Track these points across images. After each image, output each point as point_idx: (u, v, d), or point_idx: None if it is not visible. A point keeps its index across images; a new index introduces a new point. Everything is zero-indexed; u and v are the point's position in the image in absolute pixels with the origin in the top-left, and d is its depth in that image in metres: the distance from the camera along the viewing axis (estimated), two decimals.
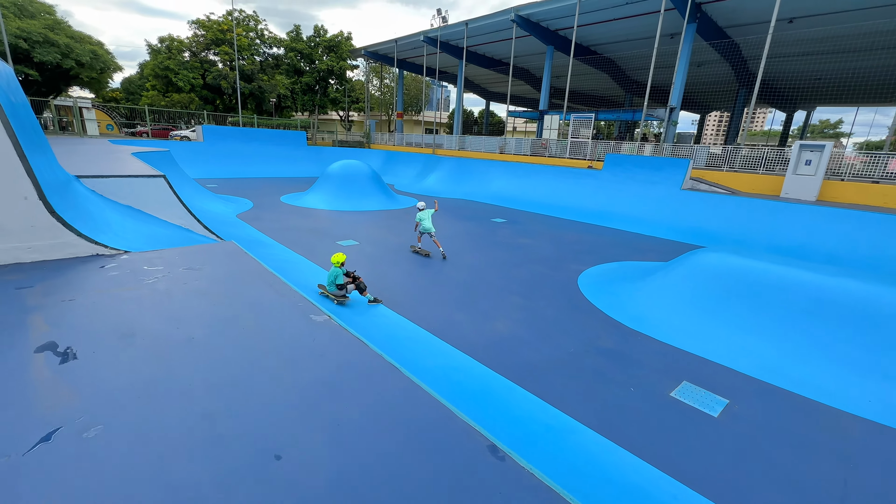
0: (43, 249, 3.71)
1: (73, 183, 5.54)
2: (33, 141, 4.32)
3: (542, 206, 18.00)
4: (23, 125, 4.00)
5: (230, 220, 11.94)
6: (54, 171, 4.97)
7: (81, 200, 4.80)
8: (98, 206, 5.21)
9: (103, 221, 4.77)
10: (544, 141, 22.48)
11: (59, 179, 4.93)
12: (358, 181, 17.31)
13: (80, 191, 5.33)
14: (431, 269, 8.92)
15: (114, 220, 5.11)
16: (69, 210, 4.14)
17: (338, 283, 6.38)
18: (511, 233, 13.00)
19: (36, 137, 4.65)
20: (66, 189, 4.81)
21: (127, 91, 51.19)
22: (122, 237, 4.68)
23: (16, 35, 28.73)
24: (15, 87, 4.83)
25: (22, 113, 4.45)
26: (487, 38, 27.25)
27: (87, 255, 4.04)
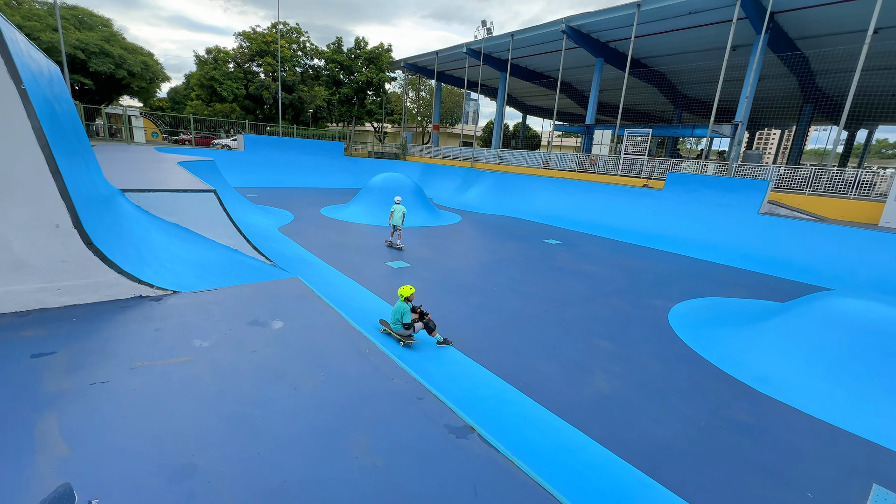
0: (74, 291, 2.94)
1: (116, 198, 4.85)
2: (74, 151, 3.60)
3: (595, 226, 16.75)
4: (64, 134, 3.27)
5: (272, 235, 11.32)
6: (96, 184, 4.27)
7: (124, 222, 4.07)
8: (142, 227, 4.48)
9: (148, 248, 4.01)
10: (594, 157, 21.27)
11: (101, 195, 4.23)
12: (400, 195, 16.55)
13: (123, 208, 4.61)
14: (496, 300, 7.89)
15: (160, 245, 4.35)
16: (109, 236, 3.37)
17: (405, 321, 5.45)
18: (570, 257, 11.85)
19: (79, 147, 3.95)
20: (107, 207, 4.08)
21: (172, 100, 53.10)
22: (170, 269, 3.89)
23: (74, 46, 29.94)
24: (60, 90, 4.18)
25: (65, 119, 3.76)
26: (532, 50, 26.43)
27: (129, 296, 3.25)
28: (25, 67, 2.89)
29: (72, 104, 4.60)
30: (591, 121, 24.87)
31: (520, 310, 7.48)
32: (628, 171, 20.45)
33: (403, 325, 5.46)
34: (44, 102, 3.14)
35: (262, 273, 5.33)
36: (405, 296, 5.53)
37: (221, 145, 30.16)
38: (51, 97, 3.53)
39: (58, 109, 3.64)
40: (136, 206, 5.44)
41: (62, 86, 4.41)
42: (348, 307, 5.94)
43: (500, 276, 9.49)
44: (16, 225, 2.70)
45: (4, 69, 2.50)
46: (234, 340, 3.02)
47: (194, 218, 6.06)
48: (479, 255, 11.39)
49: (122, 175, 7.41)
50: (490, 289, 8.50)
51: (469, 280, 9.00)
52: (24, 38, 3.30)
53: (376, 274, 8.92)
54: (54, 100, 3.64)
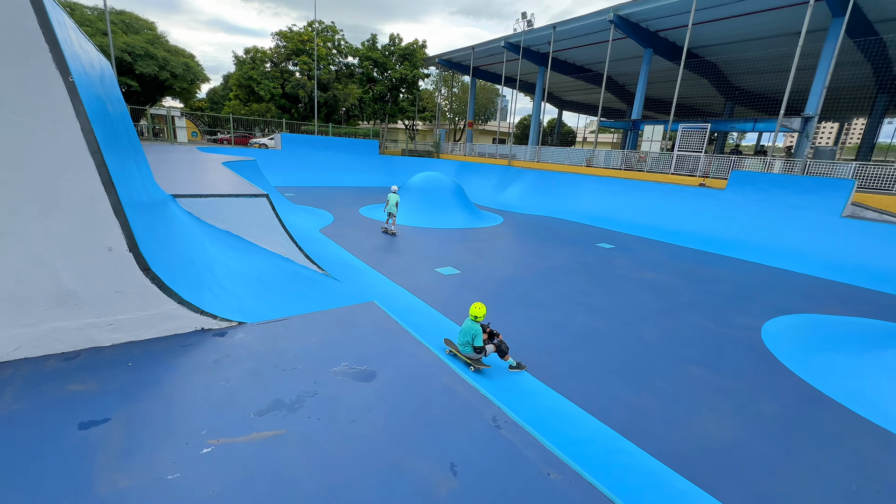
0: (129, 326, 2.47)
1: (169, 206, 4.44)
2: (126, 155, 3.15)
3: (648, 229, 15.64)
4: (116, 137, 2.81)
5: (315, 237, 10.96)
6: (149, 192, 3.85)
7: (179, 235, 3.60)
8: (197, 240, 4.03)
9: (205, 266, 3.55)
10: (643, 154, 20.02)
11: (155, 203, 3.80)
12: (440, 195, 16.01)
13: (177, 218, 4.18)
14: (562, 314, 7.16)
15: (216, 261, 3.88)
16: (165, 256, 2.90)
17: (476, 344, 4.83)
18: (629, 264, 10.93)
19: (132, 151, 3.52)
20: (161, 217, 3.64)
21: (211, 101, 54.57)
22: (230, 292, 3.41)
23: (121, 49, 30.93)
24: (112, 87, 3.76)
25: (117, 121, 3.31)
26: (574, 42, 25.25)
27: (190, 330, 2.75)
28: (75, 58, 2.43)
29: (123, 104, 4.19)
30: (637, 116, 23.52)
31: (591, 326, 6.72)
32: (680, 169, 19.11)
33: (474, 349, 4.84)
34: (95, 100, 2.68)
35: (323, 289, 4.82)
36: (477, 316, 4.90)
37: (259, 144, 30.48)
38: (103, 95, 3.09)
39: (110, 110, 3.20)
40: (188, 213, 5.04)
41: (114, 83, 3.99)
42: (413, 323, 5.38)
43: (559, 285, 8.74)
44: (62, 249, 2.24)
45: (49, 56, 2.04)
46: (324, 401, 2.46)
47: (246, 225, 5.64)
48: (532, 261, 10.65)
49: (171, 178, 7.12)
50: (553, 301, 7.77)
51: (527, 290, 8.29)
52: (74, 25, 2.87)
53: (427, 281, 8.35)
54: (107, 98, 3.20)
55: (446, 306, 7.01)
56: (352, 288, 6.33)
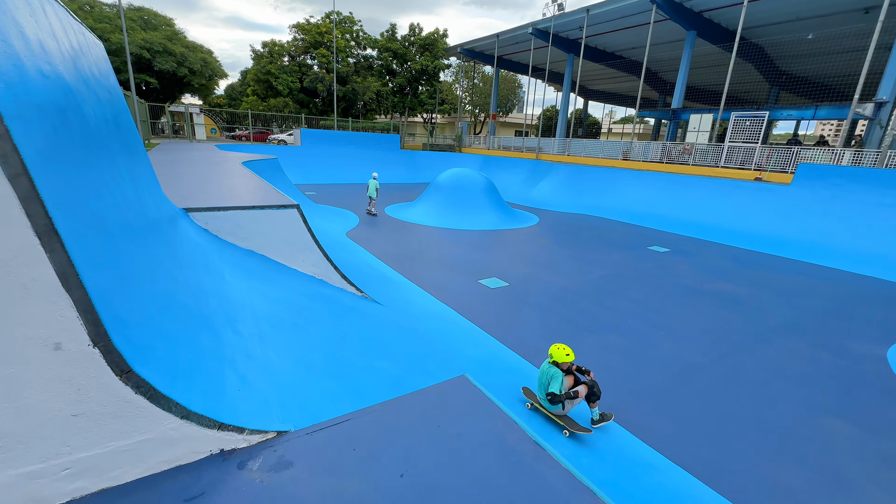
0: (100, 467, 1.51)
1: (178, 223, 3.49)
2: (112, 164, 2.18)
3: (700, 228, 14.26)
4: (91, 142, 1.83)
5: (343, 243, 10.03)
6: (149, 209, 2.89)
7: (188, 275, 2.63)
8: (214, 274, 3.05)
9: (224, 319, 2.56)
10: (688, 145, 18.48)
11: (154, 222, 2.84)
12: (472, 193, 14.91)
13: (185, 243, 3.22)
14: (637, 339, 6.04)
15: (238, 303, 2.90)
16: (163, 326, 1.92)
17: (551, 389, 3.76)
18: (693, 272, 9.68)
19: (122, 158, 2.55)
20: (162, 245, 2.67)
21: (229, 97, 54.35)
22: (261, 366, 2.42)
23: (140, 45, 30.58)
24: (98, 76, 2.79)
25: (100, 120, 2.34)
26: (609, 26, 23.63)
27: (202, 455, 1.78)
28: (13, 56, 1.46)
29: (118, 100, 3.20)
30: (678, 104, 21.88)
31: (679, 357, 5.59)
32: (728, 161, 17.53)
33: (548, 396, 3.77)
34: (52, 106, 1.70)
35: (370, 323, 3.82)
36: (555, 358, 3.84)
37: (277, 140, 29.84)
38: (77, 88, 2.12)
39: (90, 110, 2.22)
40: (203, 231, 4.09)
41: (104, 71, 3.01)
42: (492, 377, 4.35)
43: (622, 300, 7.60)
44: None
45: None
46: None
47: (273, 241, 4.68)
48: (583, 268, 9.51)
49: (185, 184, 6.24)
50: (621, 321, 6.65)
51: (588, 307, 7.18)
52: (55, 6, 1.92)
53: (474, 297, 7.31)
54: (85, 93, 2.24)
55: (506, 331, 5.96)
56: (397, 313, 5.34)
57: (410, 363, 3.75)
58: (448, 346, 5.05)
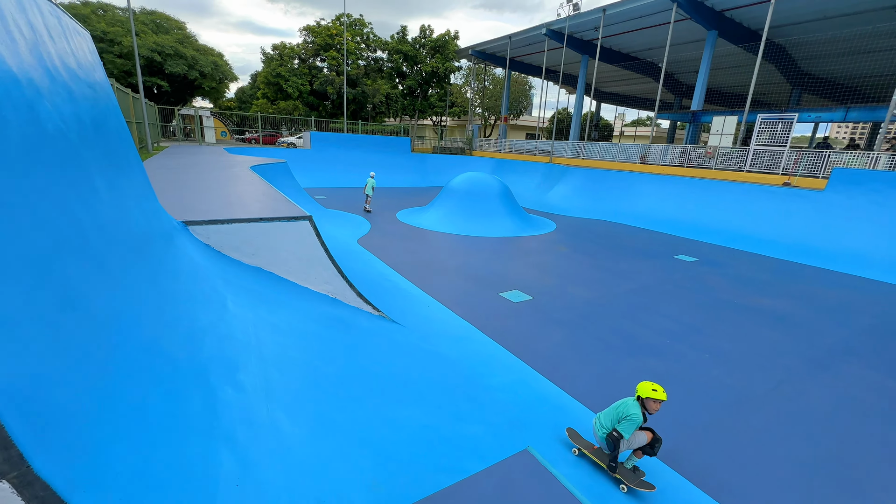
0: None
1: (175, 241, 3.03)
2: (78, 175, 1.70)
3: (726, 235, 13.59)
4: (42, 147, 1.34)
5: (355, 251, 9.58)
6: (132, 229, 2.42)
7: (179, 315, 2.14)
8: (212, 306, 2.58)
9: (223, 368, 2.07)
10: (711, 149, 17.80)
11: (146, 237, 2.38)
12: (486, 198, 14.40)
13: (182, 266, 2.75)
14: (680, 363, 5.47)
15: (244, 343, 2.42)
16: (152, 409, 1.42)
17: (620, 428, 3.22)
18: (727, 284, 9.06)
19: (99, 165, 2.08)
20: (149, 275, 2.20)
21: (240, 100, 54.53)
22: (260, 431, 1.92)
23: (151, 49, 30.60)
24: (89, 67, 2.35)
25: (60, 121, 1.87)
26: (625, 26, 23.03)
27: None
28: None
29: (104, 94, 2.74)
30: (697, 106, 21.21)
31: (729, 385, 5.01)
32: (754, 165, 16.82)
33: (611, 435, 3.21)
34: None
35: (395, 350, 3.33)
36: (644, 395, 3.24)
37: (287, 143, 29.62)
38: (26, 79, 1.66)
39: (50, 109, 1.74)
40: (204, 248, 3.63)
41: (87, 64, 2.55)
42: (510, 393, 3.84)
43: (656, 316, 7.02)
44: None
45: None
46: None
47: (282, 257, 4.21)
48: (609, 279, 8.94)
49: (189, 191, 5.81)
50: (658, 341, 6.08)
51: (620, 324, 6.62)
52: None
53: (495, 311, 6.79)
54: (46, 89, 1.78)
55: (535, 353, 5.43)
56: (418, 336, 4.84)
57: (443, 406, 3.24)
58: (476, 374, 4.54)
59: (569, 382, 4.81)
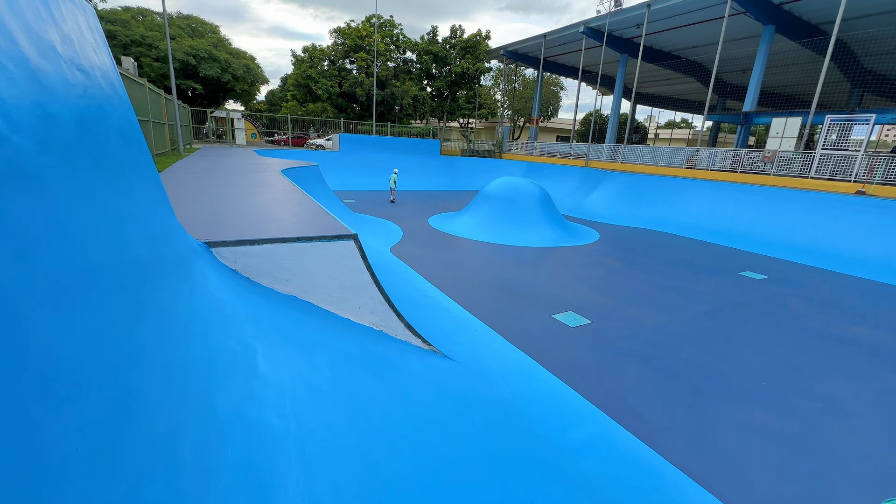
0: None
1: (194, 264, 2.35)
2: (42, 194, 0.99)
3: (795, 249, 12.27)
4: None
5: (389, 262, 8.89)
6: (138, 254, 1.73)
7: (195, 400, 1.43)
8: (239, 369, 1.86)
9: (252, 485, 1.33)
10: (769, 153, 16.36)
11: (154, 266, 1.69)
12: (524, 205, 13.52)
13: (199, 304, 2.05)
14: (799, 419, 4.49)
15: (275, 424, 1.69)
16: None
17: None
18: (811, 307, 7.92)
19: (104, 179, 1.37)
20: (152, 326, 1.49)
21: (270, 102, 55.35)
22: None
23: (186, 52, 31.07)
24: (85, 49, 1.66)
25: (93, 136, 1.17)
26: (670, 23, 21.70)
27: None
28: None
29: (106, 85, 2.06)
30: (751, 107, 19.69)
31: (867, 454, 4.01)
32: (818, 171, 15.29)
33: None
34: None
35: (461, 405, 2.56)
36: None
37: (315, 145, 29.48)
38: None
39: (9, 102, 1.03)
40: (230, 273, 2.95)
41: (81, 44, 1.87)
42: (597, 459, 3.01)
43: (742, 349, 6.02)
44: None
45: None
46: None
47: (321, 284, 3.51)
48: (673, 300, 7.94)
49: (215, 201, 5.22)
50: (755, 384, 5.10)
51: (701, 358, 5.65)
52: None
53: (552, 339, 5.94)
54: None
55: (610, 396, 4.56)
56: (476, 376, 4.06)
57: (517, 487, 2.44)
58: (547, 427, 3.73)
59: (660, 441, 3.93)
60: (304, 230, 3.65)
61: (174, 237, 2.49)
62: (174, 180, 7.29)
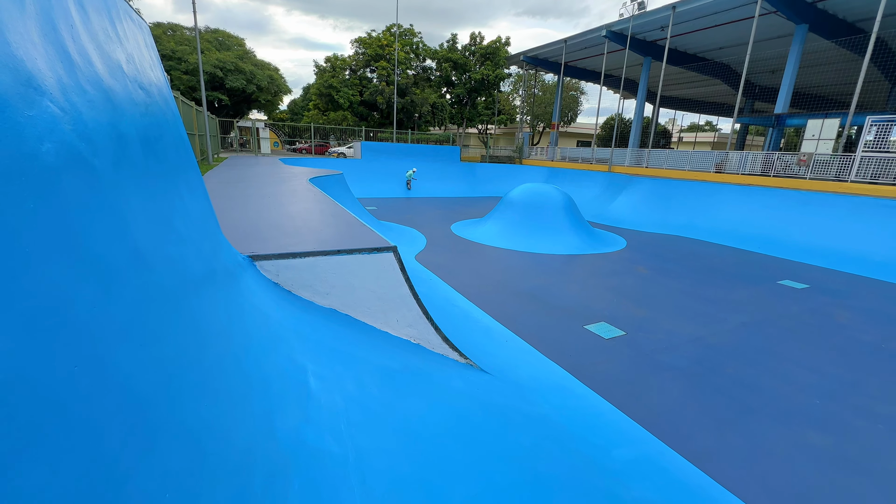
0: None
1: (239, 278, 2.33)
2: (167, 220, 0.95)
3: (836, 257, 11.71)
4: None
5: (415, 270, 8.81)
6: (191, 268, 1.71)
7: (259, 428, 1.36)
8: (293, 388, 1.80)
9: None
10: (804, 156, 15.75)
11: (208, 279, 1.65)
12: (549, 212, 13.33)
13: (251, 322, 2.01)
14: (857, 442, 4.20)
15: (334, 451, 1.61)
16: None
17: None
18: (861, 320, 7.50)
19: (164, 189, 1.35)
20: (215, 353, 1.45)
21: (292, 112, 56.59)
22: None
23: (214, 65, 32.06)
24: (142, 66, 1.65)
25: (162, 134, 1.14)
26: (696, 24, 21.26)
27: None
28: None
29: (161, 101, 2.06)
30: (783, 109, 19.05)
31: None
32: (861, 174, 14.61)
33: None
34: None
35: (501, 422, 2.46)
36: None
37: (337, 153, 29.91)
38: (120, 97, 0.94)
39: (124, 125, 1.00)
40: (273, 287, 2.93)
41: (142, 63, 1.87)
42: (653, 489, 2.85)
43: (790, 364, 5.71)
44: None
45: None
46: None
47: (360, 295, 3.47)
48: (710, 310, 7.64)
49: (253, 211, 5.28)
50: (807, 402, 4.81)
51: (747, 374, 5.38)
52: None
53: (586, 351, 5.77)
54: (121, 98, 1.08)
55: (653, 414, 4.37)
56: (513, 391, 3.95)
57: None
58: (591, 447, 3.58)
59: (711, 464, 3.72)
60: (343, 242, 3.62)
61: (222, 252, 2.48)
62: (209, 191, 7.44)
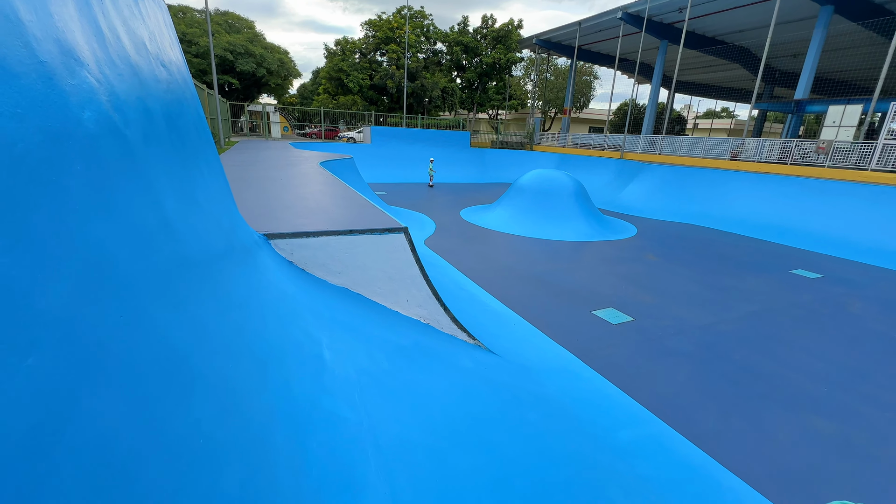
0: None
1: (258, 258, 2.40)
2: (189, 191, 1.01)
3: (853, 247, 11.52)
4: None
5: (423, 253, 8.89)
6: (212, 243, 1.78)
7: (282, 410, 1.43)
8: (310, 365, 1.88)
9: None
10: (824, 144, 15.35)
11: (233, 247, 1.72)
12: (559, 198, 13.25)
13: (267, 298, 2.09)
14: (867, 430, 4.22)
15: (350, 403, 1.69)
16: None
17: None
18: (874, 309, 7.42)
19: (185, 169, 1.40)
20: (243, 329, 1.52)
21: (301, 96, 56.37)
22: None
23: (224, 48, 31.96)
24: (164, 45, 1.70)
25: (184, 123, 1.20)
26: (716, 6, 20.59)
27: None
28: None
29: (183, 79, 2.11)
30: (804, 94, 18.50)
31: None
32: (885, 163, 14.22)
33: None
34: None
35: (509, 401, 2.53)
36: None
37: (347, 138, 29.84)
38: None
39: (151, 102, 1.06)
40: (287, 265, 3.01)
41: (163, 41, 1.92)
42: (651, 462, 2.92)
43: (798, 351, 5.70)
44: None
45: None
46: None
47: (372, 275, 3.54)
48: (719, 298, 7.61)
49: (267, 192, 5.35)
50: (814, 389, 4.82)
51: (755, 361, 5.39)
52: None
53: (593, 336, 5.82)
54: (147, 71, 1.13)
55: (660, 398, 4.42)
56: (519, 373, 4.02)
57: (573, 490, 2.40)
58: (596, 427, 3.66)
59: (714, 446, 3.78)
60: (354, 222, 3.68)
61: (239, 229, 2.55)
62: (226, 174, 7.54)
